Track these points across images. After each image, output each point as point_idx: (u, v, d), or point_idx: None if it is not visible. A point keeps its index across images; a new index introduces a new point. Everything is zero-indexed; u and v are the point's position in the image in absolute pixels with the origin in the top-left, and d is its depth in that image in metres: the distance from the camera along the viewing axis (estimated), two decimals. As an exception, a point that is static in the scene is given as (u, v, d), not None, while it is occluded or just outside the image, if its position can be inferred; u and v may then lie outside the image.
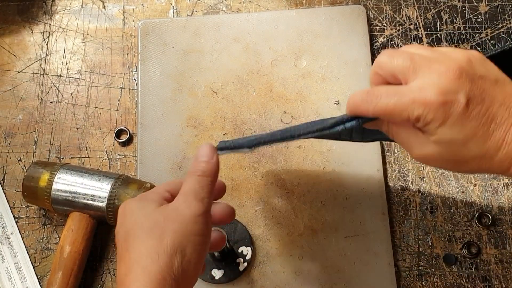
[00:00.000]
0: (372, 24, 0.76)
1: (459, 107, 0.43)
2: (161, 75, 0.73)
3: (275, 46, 0.74)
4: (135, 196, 0.62)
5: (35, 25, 0.77)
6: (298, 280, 0.65)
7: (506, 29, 0.75)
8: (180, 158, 0.70)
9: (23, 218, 0.69)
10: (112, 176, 0.64)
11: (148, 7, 0.78)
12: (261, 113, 0.71)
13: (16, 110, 0.73)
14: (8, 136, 0.72)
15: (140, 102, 0.72)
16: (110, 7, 0.78)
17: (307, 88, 0.72)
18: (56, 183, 0.64)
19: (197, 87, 0.73)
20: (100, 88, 0.74)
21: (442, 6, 0.76)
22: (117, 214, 0.62)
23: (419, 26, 0.75)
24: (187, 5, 0.77)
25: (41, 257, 0.67)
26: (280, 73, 0.73)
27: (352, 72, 0.72)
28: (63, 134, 0.72)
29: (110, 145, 0.72)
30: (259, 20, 0.75)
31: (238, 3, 0.77)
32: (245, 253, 0.65)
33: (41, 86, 0.74)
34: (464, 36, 0.75)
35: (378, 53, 0.74)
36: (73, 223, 0.64)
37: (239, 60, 0.74)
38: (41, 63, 0.75)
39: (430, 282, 0.65)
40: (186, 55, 0.74)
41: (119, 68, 0.75)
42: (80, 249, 0.63)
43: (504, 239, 0.66)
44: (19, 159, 0.71)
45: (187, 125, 0.71)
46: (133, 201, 0.50)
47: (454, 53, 0.46)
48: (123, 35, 0.76)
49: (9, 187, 0.70)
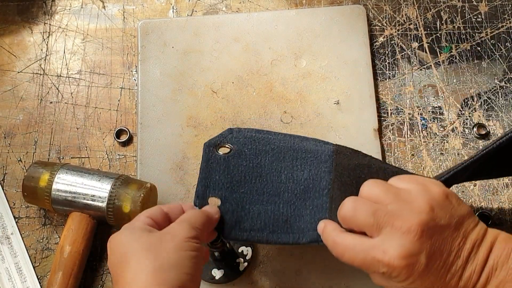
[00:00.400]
0: (372, 24, 0.76)
1: (420, 267, 0.46)
2: (161, 75, 0.73)
3: (275, 46, 0.74)
4: (135, 196, 0.62)
5: (35, 25, 0.77)
6: (298, 280, 0.65)
7: (506, 28, 0.75)
8: (180, 158, 0.70)
9: (23, 218, 0.69)
10: (112, 176, 0.64)
11: (148, 7, 0.78)
12: (261, 113, 0.71)
13: (16, 110, 0.73)
14: (8, 136, 0.72)
15: (140, 102, 0.72)
16: (110, 7, 0.78)
17: (307, 88, 0.72)
18: (56, 183, 0.64)
19: (197, 87, 0.73)
20: (100, 88, 0.74)
21: (442, 5, 0.76)
22: (117, 214, 0.63)
23: (419, 26, 0.75)
24: (187, 5, 0.77)
25: (41, 257, 0.67)
26: (280, 73, 0.73)
27: (352, 72, 0.72)
28: (63, 134, 0.72)
29: (110, 145, 0.72)
30: (259, 20, 0.75)
31: (238, 3, 0.77)
32: (245, 253, 0.65)
33: (41, 86, 0.74)
34: (464, 35, 0.75)
35: (378, 53, 0.74)
36: (73, 223, 0.64)
37: (239, 60, 0.74)
38: (41, 63, 0.75)
39: (430, 282, 0.65)
40: (186, 55, 0.74)
41: (119, 68, 0.75)
42: (80, 249, 0.63)
43: (504, 239, 0.66)
44: (19, 159, 0.71)
45: (187, 125, 0.71)
46: (120, 233, 0.51)
47: (418, 200, 0.48)
48: (123, 35, 0.76)
49: (9, 187, 0.70)
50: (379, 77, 0.73)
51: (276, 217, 0.58)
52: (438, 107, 0.72)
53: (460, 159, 0.70)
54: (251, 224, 0.58)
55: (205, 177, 0.59)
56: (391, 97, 0.73)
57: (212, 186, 0.58)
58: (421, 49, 0.74)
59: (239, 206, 0.58)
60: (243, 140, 0.61)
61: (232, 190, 0.58)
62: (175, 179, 0.69)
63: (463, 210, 0.49)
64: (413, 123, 0.71)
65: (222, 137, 0.61)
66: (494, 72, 0.73)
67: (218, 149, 0.60)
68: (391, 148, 0.70)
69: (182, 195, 0.68)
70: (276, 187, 0.59)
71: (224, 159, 0.59)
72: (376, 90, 0.72)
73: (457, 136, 0.71)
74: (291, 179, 0.60)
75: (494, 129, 0.71)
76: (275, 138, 0.61)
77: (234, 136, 0.61)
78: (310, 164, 0.60)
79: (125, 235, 0.50)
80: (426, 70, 0.74)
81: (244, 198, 0.58)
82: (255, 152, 0.60)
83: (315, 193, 0.59)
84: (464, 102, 0.72)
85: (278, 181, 0.59)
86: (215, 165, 0.59)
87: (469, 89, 0.73)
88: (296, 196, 0.59)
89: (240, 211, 0.58)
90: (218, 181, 0.59)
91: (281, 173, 0.60)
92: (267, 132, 0.62)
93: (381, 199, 0.50)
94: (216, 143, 0.60)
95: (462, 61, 0.74)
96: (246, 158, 0.60)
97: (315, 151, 0.60)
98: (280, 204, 0.59)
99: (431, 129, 0.71)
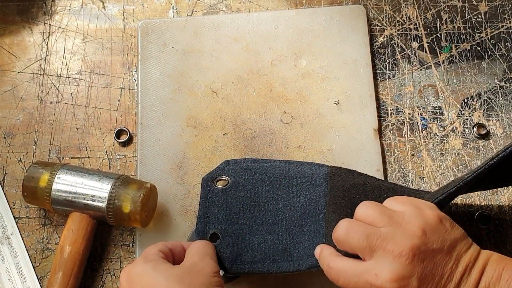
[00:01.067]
0: (372, 24, 0.76)
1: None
2: (161, 75, 0.73)
3: (275, 46, 0.74)
4: (134, 196, 0.62)
5: (35, 26, 0.77)
6: (298, 280, 0.65)
7: (506, 28, 0.75)
8: (180, 158, 0.70)
9: (23, 219, 0.69)
10: (112, 176, 0.64)
11: (148, 7, 0.78)
12: (261, 113, 0.71)
13: (16, 110, 0.73)
14: (8, 136, 0.72)
15: (140, 102, 0.72)
16: (110, 7, 0.78)
17: (307, 88, 0.72)
18: (56, 184, 0.64)
19: (197, 87, 0.73)
20: (100, 88, 0.74)
21: (442, 5, 0.76)
22: (117, 214, 0.63)
23: (419, 26, 0.75)
24: (187, 5, 0.77)
25: (41, 257, 0.67)
26: (280, 73, 0.73)
27: (352, 72, 0.72)
28: (63, 134, 0.72)
29: (110, 145, 0.72)
30: (259, 20, 0.75)
31: (238, 3, 0.77)
32: None
33: (41, 87, 0.74)
34: (464, 35, 0.75)
35: (378, 53, 0.74)
36: (73, 223, 0.64)
37: (239, 60, 0.74)
38: (41, 63, 0.75)
39: (430, 282, 0.65)
40: (186, 55, 0.74)
41: (119, 68, 0.75)
42: (80, 250, 0.63)
43: (504, 239, 0.66)
44: (19, 159, 0.71)
45: (187, 125, 0.71)
46: (137, 265, 0.52)
47: (411, 224, 0.49)
48: (123, 35, 0.76)
49: (9, 188, 0.70)
50: (379, 77, 0.73)
51: (276, 246, 0.59)
52: (438, 107, 0.72)
53: (460, 159, 0.70)
54: (252, 256, 0.59)
55: (205, 213, 0.60)
56: (391, 97, 0.73)
57: (211, 221, 0.60)
58: (421, 49, 0.74)
59: (239, 238, 0.59)
60: (239, 171, 0.62)
61: (231, 222, 0.60)
62: (175, 179, 0.69)
63: (456, 234, 0.50)
64: (413, 123, 0.71)
65: (219, 171, 0.62)
66: (494, 72, 0.73)
67: (216, 183, 0.61)
68: (391, 148, 0.70)
69: (182, 195, 0.68)
70: (274, 215, 0.60)
71: (222, 192, 0.61)
72: (376, 90, 0.72)
73: (457, 136, 0.71)
74: (288, 206, 0.61)
75: (494, 129, 0.71)
76: (271, 166, 0.63)
77: (231, 168, 0.62)
78: (306, 189, 0.61)
79: (146, 267, 0.51)
80: (426, 70, 0.74)
81: (244, 229, 0.60)
82: (252, 182, 0.62)
83: (311, 218, 0.60)
84: (464, 102, 0.72)
85: (276, 210, 0.61)
86: (213, 199, 0.61)
87: (469, 89, 0.73)
88: (293, 223, 0.60)
89: (240, 243, 0.59)
90: (217, 214, 0.60)
91: (279, 201, 0.61)
92: (263, 161, 0.63)
93: (375, 221, 0.50)
94: (214, 177, 0.62)
95: (462, 61, 0.74)
96: (243, 189, 0.61)
97: (310, 175, 0.61)
98: (279, 233, 0.60)
99: (431, 129, 0.71)
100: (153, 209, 0.66)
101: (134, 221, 0.63)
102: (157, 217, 0.67)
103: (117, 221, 0.64)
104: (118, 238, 0.68)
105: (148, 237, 0.66)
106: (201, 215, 0.60)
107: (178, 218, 0.67)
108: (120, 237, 0.68)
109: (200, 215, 0.60)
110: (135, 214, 0.62)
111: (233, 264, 0.58)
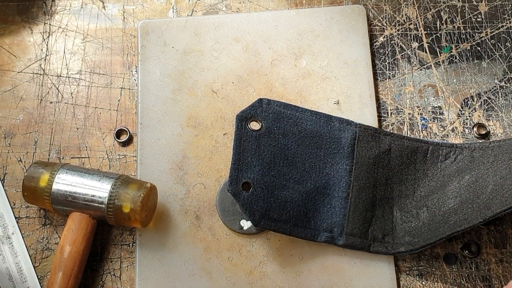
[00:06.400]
0: (372, 23, 0.76)
1: None
2: (161, 75, 0.73)
3: (275, 46, 0.74)
4: (135, 196, 0.62)
5: (35, 25, 0.77)
6: (298, 280, 0.65)
7: (506, 28, 0.75)
8: (180, 158, 0.70)
9: (23, 218, 0.69)
10: (112, 176, 0.65)
11: (148, 7, 0.78)
12: (261, 113, 0.71)
13: (16, 110, 0.73)
14: (8, 136, 0.72)
15: (140, 102, 0.72)
16: (110, 7, 0.78)
17: (307, 88, 0.72)
18: (56, 183, 0.64)
19: (197, 87, 0.73)
20: (100, 88, 0.74)
21: (442, 5, 0.76)
22: (117, 214, 0.63)
23: (419, 26, 0.75)
24: (187, 5, 0.78)
25: (42, 257, 0.67)
26: (280, 73, 0.73)
27: (352, 72, 0.72)
28: (63, 134, 0.72)
29: (110, 145, 0.72)
30: (259, 20, 0.75)
31: (238, 3, 0.77)
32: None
33: (41, 86, 0.74)
34: (464, 35, 0.75)
35: (378, 53, 0.74)
36: (73, 223, 0.64)
37: (239, 60, 0.74)
38: (41, 63, 0.75)
39: (430, 282, 0.65)
40: (186, 55, 0.74)
41: (119, 68, 0.75)
42: (80, 249, 0.63)
43: (504, 239, 0.66)
44: (19, 159, 0.71)
45: (187, 125, 0.71)
46: None
47: None
48: (123, 35, 0.76)
49: (9, 187, 0.70)
50: (379, 77, 0.73)
51: (299, 209, 0.60)
52: (438, 107, 0.72)
53: (460, 159, 0.70)
54: (279, 214, 0.59)
55: (238, 159, 0.59)
56: (391, 97, 0.73)
57: (244, 169, 0.59)
58: (421, 49, 0.74)
59: (269, 191, 0.59)
60: (272, 115, 0.62)
61: (263, 173, 0.60)
62: (175, 179, 0.69)
63: None
64: (413, 123, 0.71)
65: (253, 109, 0.62)
66: (494, 72, 0.73)
67: (249, 123, 0.61)
68: (391, 148, 0.70)
69: (182, 195, 0.68)
70: (301, 174, 0.61)
71: (256, 137, 0.61)
72: (376, 90, 0.72)
73: (457, 136, 0.71)
74: (314, 169, 0.61)
75: (494, 129, 0.71)
76: (302, 118, 0.63)
77: (264, 109, 0.62)
78: (333, 157, 0.62)
79: None
80: (426, 70, 0.74)
81: (274, 182, 0.60)
82: (283, 131, 0.62)
83: (334, 191, 0.61)
84: (464, 102, 0.72)
85: (303, 169, 0.61)
86: (247, 144, 0.60)
87: (469, 89, 0.73)
88: (317, 190, 0.61)
89: (270, 198, 0.59)
90: (250, 163, 0.60)
91: (305, 160, 0.62)
92: (295, 108, 0.64)
93: None
94: (248, 116, 0.61)
95: (462, 61, 0.74)
96: (275, 137, 0.61)
97: (339, 139, 0.63)
98: (304, 194, 0.60)
99: (431, 129, 0.71)
100: (153, 209, 0.66)
101: (134, 221, 0.63)
102: (157, 217, 0.67)
103: (117, 221, 0.64)
104: (118, 238, 0.68)
105: (148, 237, 0.67)
106: (235, 161, 0.59)
107: (178, 218, 0.67)
108: (120, 237, 0.68)
109: (234, 161, 0.59)
110: (135, 214, 0.62)
111: (262, 219, 0.58)
